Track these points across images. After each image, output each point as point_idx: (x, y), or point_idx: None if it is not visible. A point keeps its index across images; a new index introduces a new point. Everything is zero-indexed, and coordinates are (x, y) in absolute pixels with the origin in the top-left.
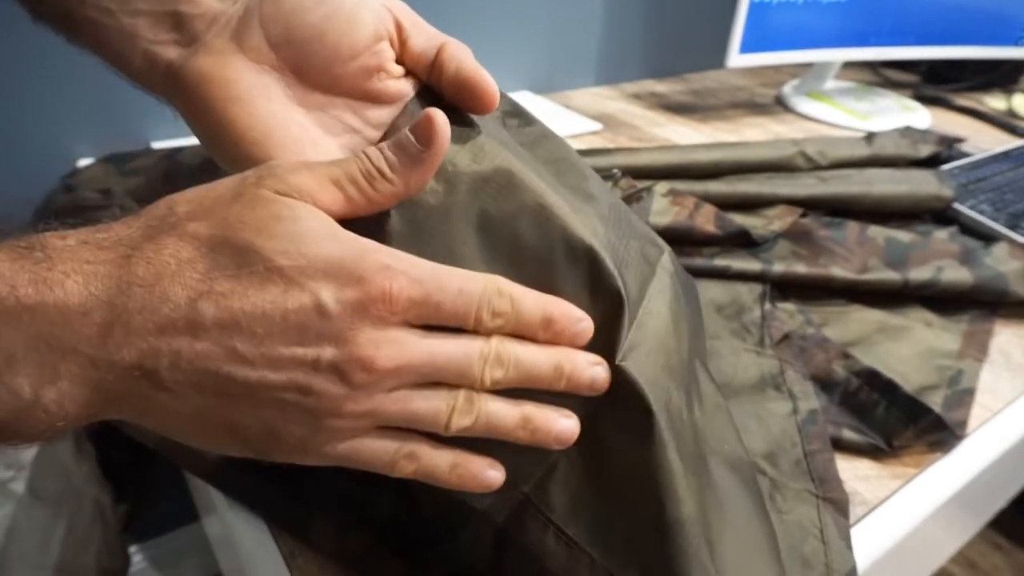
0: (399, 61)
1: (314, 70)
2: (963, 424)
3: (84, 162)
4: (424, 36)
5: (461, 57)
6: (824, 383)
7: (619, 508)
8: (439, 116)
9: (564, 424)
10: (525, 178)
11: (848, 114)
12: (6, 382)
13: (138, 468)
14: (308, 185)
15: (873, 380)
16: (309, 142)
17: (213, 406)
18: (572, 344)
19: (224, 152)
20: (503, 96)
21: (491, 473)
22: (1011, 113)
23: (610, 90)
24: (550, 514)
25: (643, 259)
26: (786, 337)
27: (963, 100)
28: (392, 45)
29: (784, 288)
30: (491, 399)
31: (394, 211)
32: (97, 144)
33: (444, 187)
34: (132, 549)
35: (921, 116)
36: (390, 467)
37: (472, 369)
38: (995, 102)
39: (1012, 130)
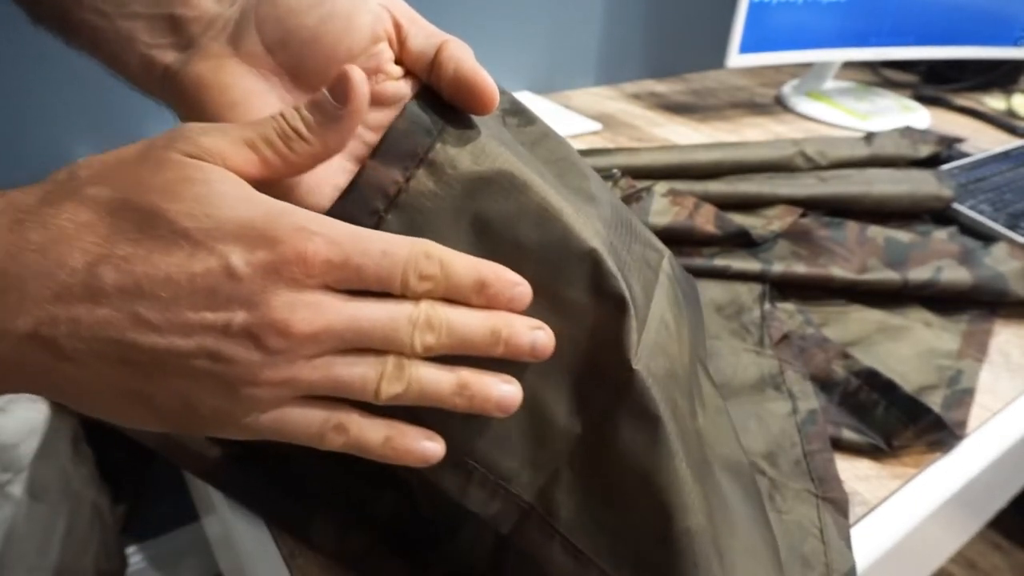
0: (398, 61)
1: (311, 73)
2: (962, 424)
3: None
4: (424, 35)
5: (460, 57)
6: (824, 383)
7: (628, 518)
8: (356, 72)
9: (504, 389)
10: (527, 179)
11: (848, 114)
12: None
13: (137, 468)
14: (220, 147)
15: (873, 380)
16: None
17: (120, 376)
18: (508, 309)
19: None
20: (504, 94)
21: (427, 444)
22: (1010, 113)
23: (610, 90)
24: (556, 524)
25: (646, 263)
26: (786, 337)
27: (963, 100)
28: (391, 45)
29: (784, 288)
30: (422, 365)
31: (392, 215)
32: (97, 144)
33: (444, 190)
34: (132, 549)
35: (921, 116)
36: (318, 439)
37: (400, 333)
38: (995, 102)
39: (1012, 130)
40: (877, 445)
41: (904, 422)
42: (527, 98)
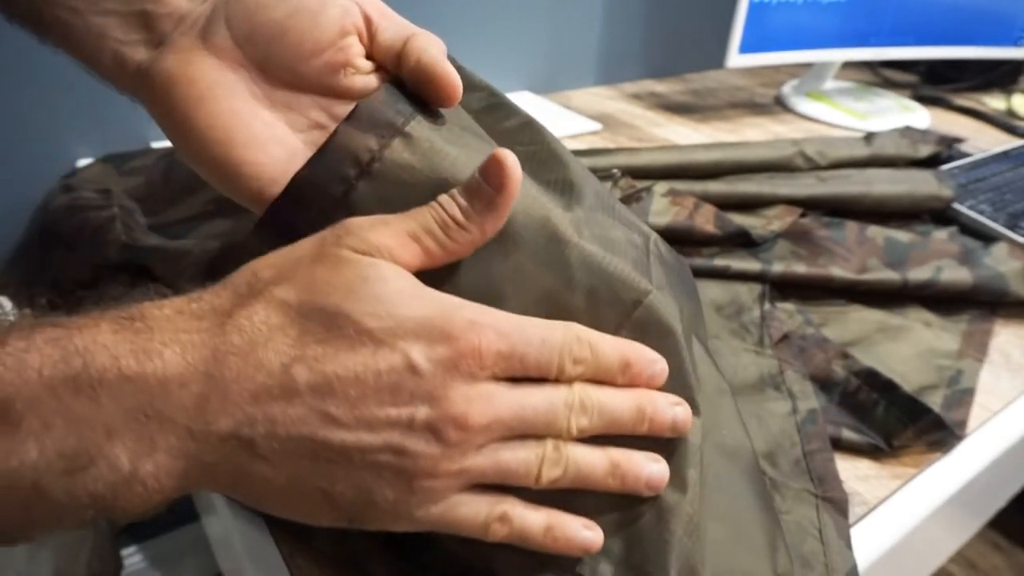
0: (369, 55)
1: (279, 67)
2: (962, 424)
3: (83, 162)
4: (394, 28)
5: (423, 47)
6: (824, 383)
7: (599, 501)
8: (509, 157)
9: (654, 468)
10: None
11: (847, 114)
12: (106, 454)
13: None
14: (387, 242)
15: (872, 380)
16: (272, 139)
17: (308, 473)
18: (649, 386)
19: (189, 152)
20: (482, 88)
21: (587, 534)
22: (1010, 113)
23: (610, 90)
24: None
25: (632, 245)
26: (785, 337)
27: (962, 100)
28: (360, 39)
29: (784, 288)
30: (578, 447)
31: (363, 183)
32: (97, 144)
33: (423, 163)
34: (132, 549)
35: (920, 116)
36: (483, 530)
37: (558, 419)
38: (994, 102)
39: (1011, 130)
40: (877, 445)
41: (904, 422)
42: (527, 98)
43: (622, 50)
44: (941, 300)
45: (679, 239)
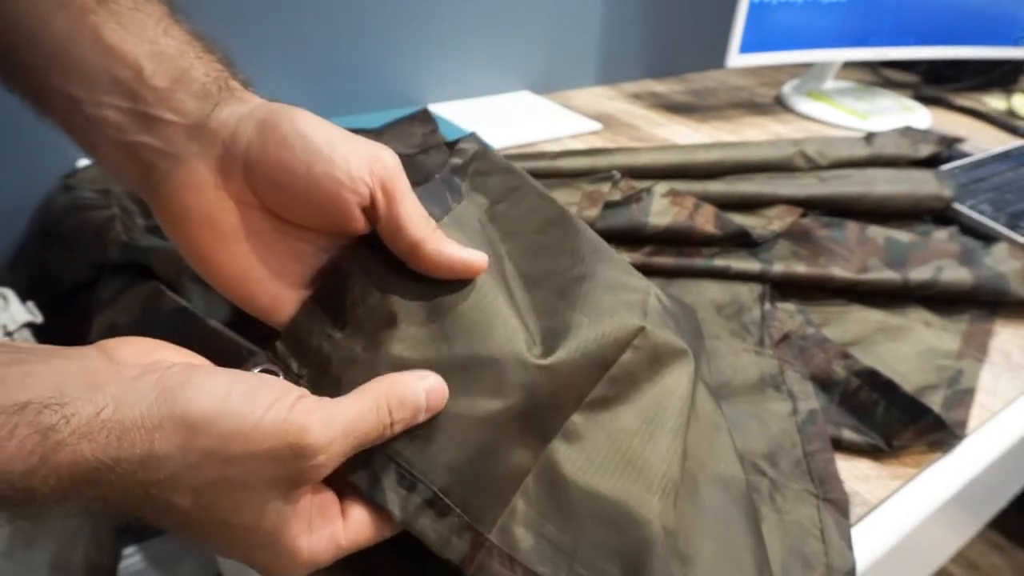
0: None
1: (294, 215)
2: (963, 424)
3: (83, 162)
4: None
5: (436, 260)
6: (824, 383)
7: (583, 537)
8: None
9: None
10: None
11: (848, 114)
12: None
13: None
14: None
15: (873, 380)
16: (282, 276)
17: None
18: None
19: (200, 271)
20: (495, 177)
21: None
22: (1011, 113)
23: (610, 90)
24: (516, 554)
25: (628, 305)
26: (786, 337)
27: (963, 100)
28: (375, 205)
29: (784, 288)
30: None
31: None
32: None
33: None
34: (132, 549)
35: (921, 116)
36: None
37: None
38: (995, 102)
39: (1012, 130)
40: (877, 445)
41: (904, 422)
42: (527, 98)
43: (622, 50)
44: (941, 300)
45: (679, 239)
